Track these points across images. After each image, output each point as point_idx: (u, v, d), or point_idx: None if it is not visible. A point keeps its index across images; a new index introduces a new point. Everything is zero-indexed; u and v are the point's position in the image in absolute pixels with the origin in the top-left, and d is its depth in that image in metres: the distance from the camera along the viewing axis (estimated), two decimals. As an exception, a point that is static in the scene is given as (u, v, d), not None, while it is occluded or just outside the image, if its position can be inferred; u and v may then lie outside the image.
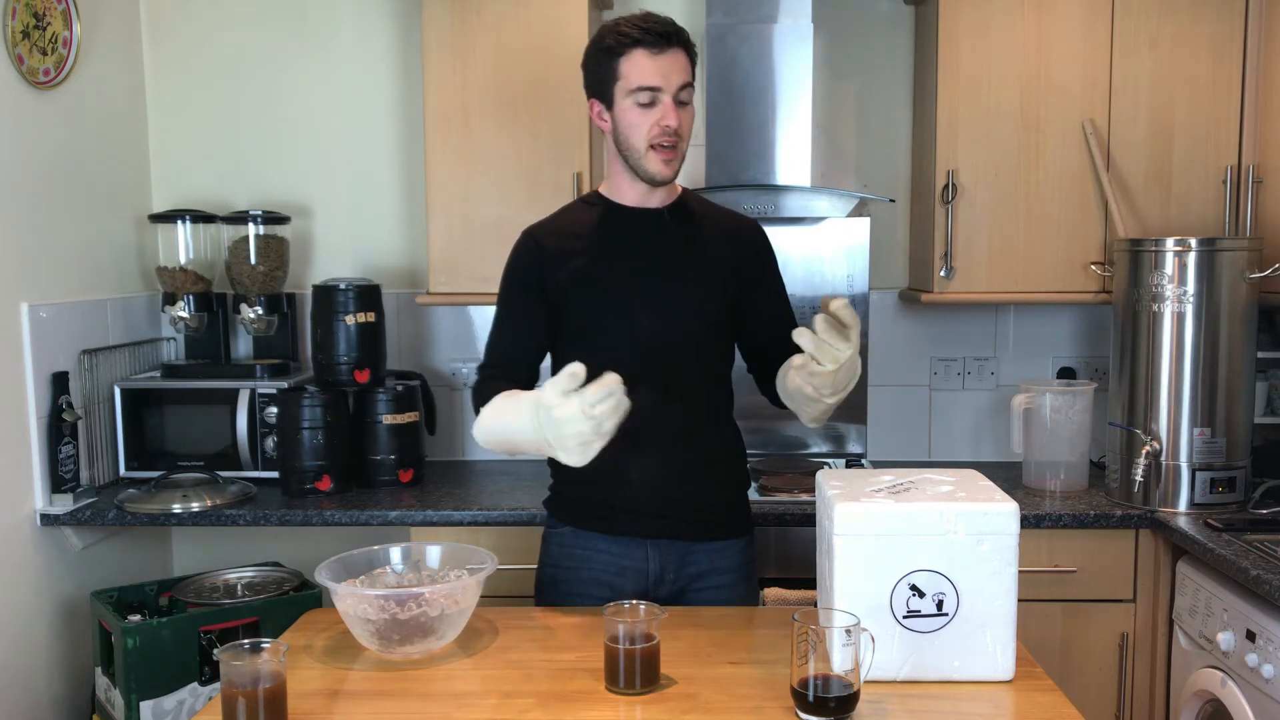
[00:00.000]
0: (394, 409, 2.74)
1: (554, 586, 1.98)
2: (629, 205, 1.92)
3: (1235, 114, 2.64)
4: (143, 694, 2.26)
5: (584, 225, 1.94)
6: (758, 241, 2.00)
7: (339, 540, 2.42)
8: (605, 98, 1.85)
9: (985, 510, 1.51)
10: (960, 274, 2.70)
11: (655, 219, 1.92)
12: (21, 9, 2.42)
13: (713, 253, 1.93)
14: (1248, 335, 2.42)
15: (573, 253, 1.90)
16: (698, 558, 1.94)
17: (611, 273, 1.89)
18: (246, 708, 1.36)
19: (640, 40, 1.77)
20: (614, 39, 1.80)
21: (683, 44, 1.81)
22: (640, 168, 1.84)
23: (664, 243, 1.91)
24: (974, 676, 1.53)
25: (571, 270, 1.89)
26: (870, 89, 2.99)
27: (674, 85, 1.79)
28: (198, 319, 2.87)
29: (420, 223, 2.97)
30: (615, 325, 1.89)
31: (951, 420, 3.05)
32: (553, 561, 1.99)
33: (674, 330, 1.88)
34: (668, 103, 1.79)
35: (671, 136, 1.80)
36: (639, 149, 1.83)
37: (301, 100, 3.02)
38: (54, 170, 2.57)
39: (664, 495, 1.91)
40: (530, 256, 1.93)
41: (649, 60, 1.78)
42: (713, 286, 1.91)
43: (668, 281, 1.89)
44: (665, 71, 1.78)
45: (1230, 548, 2.15)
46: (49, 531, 2.51)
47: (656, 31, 1.77)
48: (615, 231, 1.91)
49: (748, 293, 1.96)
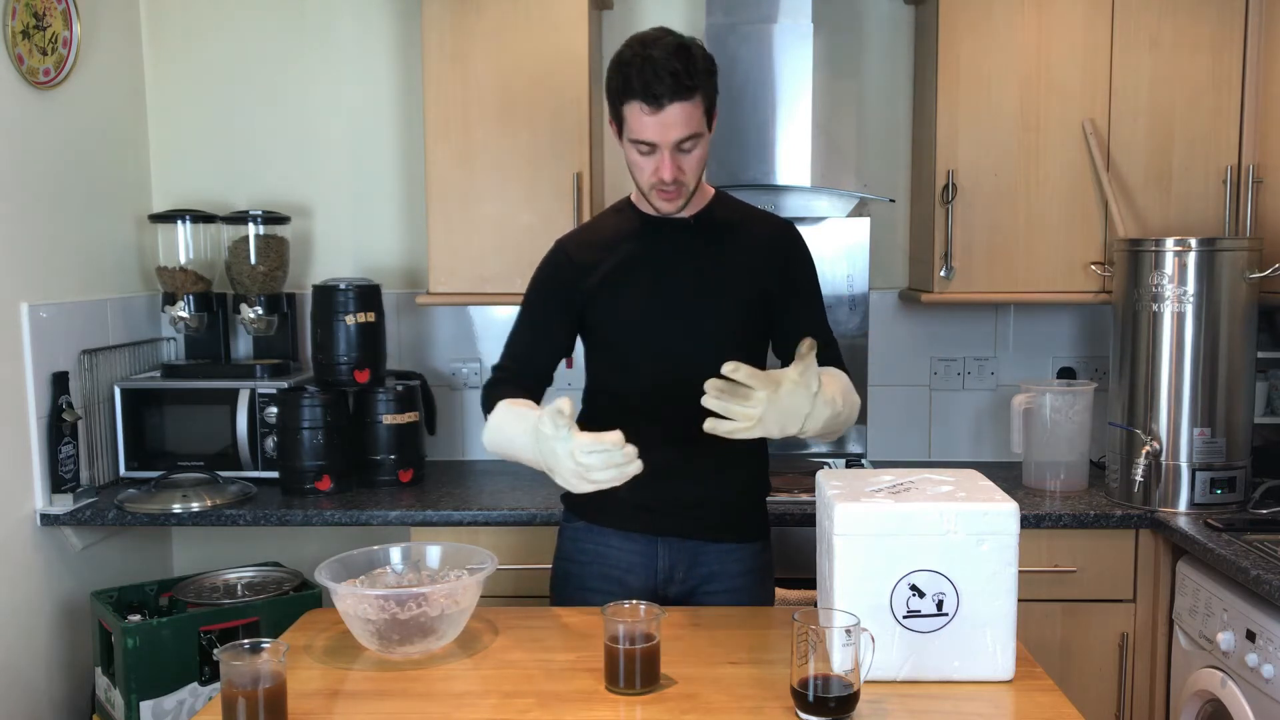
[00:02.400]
0: (394, 409, 2.74)
1: (566, 580, 1.99)
2: (656, 215, 1.91)
3: (1235, 114, 2.64)
4: (143, 694, 2.26)
5: (612, 235, 1.94)
6: (789, 246, 1.95)
7: (339, 540, 2.42)
8: (618, 126, 1.82)
9: (985, 510, 1.51)
10: (960, 274, 2.70)
11: (682, 229, 1.91)
12: (21, 9, 2.42)
13: (740, 261, 1.91)
14: (1248, 335, 2.42)
15: (599, 264, 1.91)
16: (709, 559, 1.93)
17: (636, 284, 1.89)
18: (246, 708, 1.36)
19: (639, 94, 1.72)
20: (618, 80, 1.75)
21: (686, 93, 1.71)
22: (649, 201, 1.86)
23: (690, 253, 1.90)
24: (974, 676, 1.53)
25: (597, 282, 1.90)
26: (870, 89, 2.99)
27: (671, 140, 1.74)
28: (198, 319, 2.87)
29: (420, 223, 2.97)
30: (639, 337, 1.90)
31: (951, 420, 3.05)
32: (566, 555, 2.00)
33: (697, 341, 1.87)
34: (664, 156, 1.75)
35: (669, 187, 1.78)
36: (643, 186, 1.83)
37: (301, 100, 3.02)
38: (54, 170, 2.57)
39: (678, 494, 1.90)
40: (558, 268, 1.94)
41: (646, 116, 1.73)
42: (737, 296, 1.90)
43: (691, 293, 1.88)
44: (663, 127, 1.73)
45: (1230, 548, 2.15)
46: (49, 531, 2.51)
47: (654, 92, 1.70)
48: (641, 242, 1.91)
49: (778, 298, 1.92)
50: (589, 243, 1.95)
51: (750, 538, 1.98)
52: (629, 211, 1.95)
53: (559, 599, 1.99)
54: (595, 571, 1.95)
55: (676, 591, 1.94)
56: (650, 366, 1.90)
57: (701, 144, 1.79)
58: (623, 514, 1.93)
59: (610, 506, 1.92)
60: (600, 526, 1.96)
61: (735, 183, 2.72)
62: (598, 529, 1.96)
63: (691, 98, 1.73)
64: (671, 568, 1.93)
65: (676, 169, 1.77)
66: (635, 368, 1.92)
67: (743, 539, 1.97)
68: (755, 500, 2.02)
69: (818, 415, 1.66)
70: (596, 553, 1.96)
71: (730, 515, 1.96)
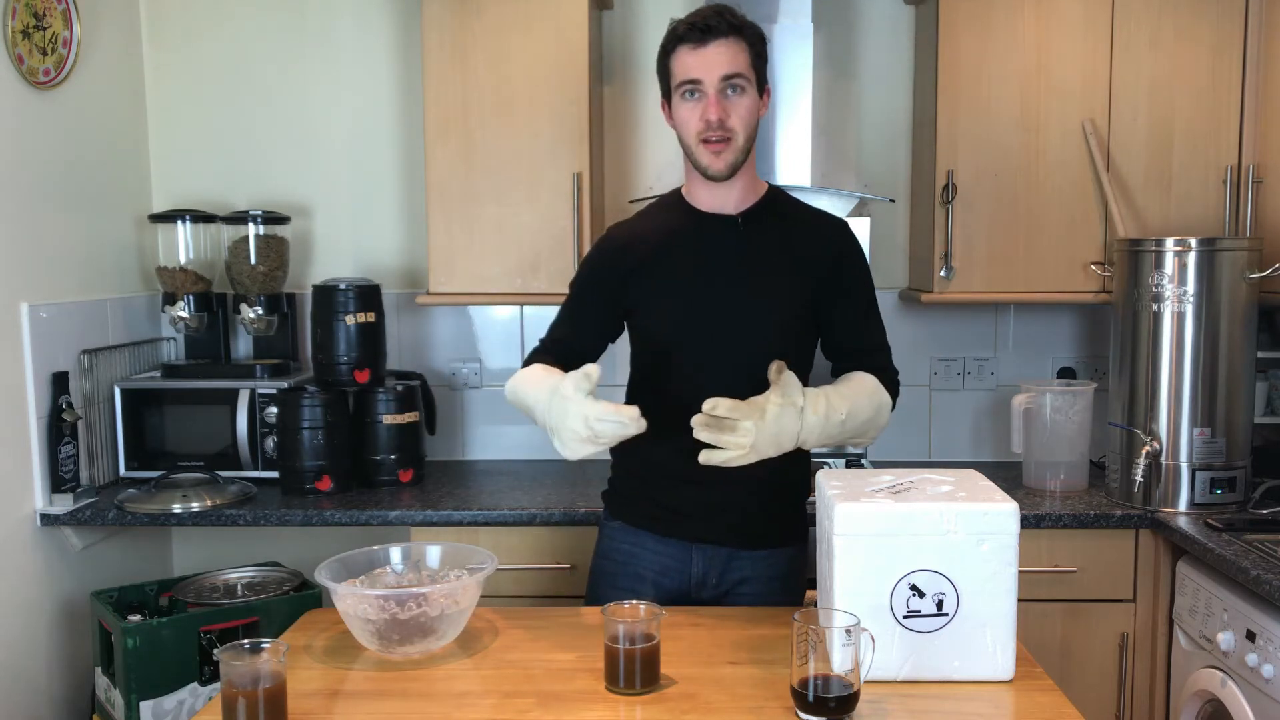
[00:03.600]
0: (394, 409, 2.74)
1: (601, 578, 1.99)
2: (704, 210, 1.89)
3: (1235, 114, 2.64)
4: (143, 694, 2.26)
5: (660, 230, 1.92)
6: (840, 245, 1.92)
7: (339, 540, 2.42)
8: (668, 98, 1.85)
9: (985, 510, 1.51)
10: (960, 274, 2.70)
11: (730, 225, 1.88)
12: (21, 9, 2.43)
13: (787, 261, 1.88)
14: (1248, 335, 2.42)
15: (645, 258, 1.89)
16: (742, 564, 1.92)
17: (680, 281, 1.88)
18: (246, 708, 1.36)
19: (684, 36, 1.77)
20: (667, 39, 1.81)
21: (733, 31, 1.76)
22: (696, 163, 1.84)
23: (736, 251, 1.87)
24: (974, 676, 1.53)
25: (642, 276, 1.89)
26: (870, 89, 2.99)
27: (715, 76, 1.75)
28: (198, 319, 2.87)
29: (420, 223, 2.97)
30: (681, 334, 1.88)
31: (951, 420, 3.05)
32: (603, 554, 2.01)
33: (739, 341, 1.85)
34: (710, 95, 1.76)
35: (716, 130, 1.77)
36: (691, 145, 1.82)
37: (301, 100, 3.02)
38: (54, 170, 2.57)
39: (714, 502, 1.88)
40: (607, 257, 1.94)
41: (690, 55, 1.76)
42: (784, 297, 1.87)
43: (737, 292, 1.86)
44: (707, 64, 1.75)
45: (1230, 548, 2.15)
46: (49, 531, 2.51)
47: (698, 26, 1.75)
48: (687, 238, 1.89)
49: (827, 300, 1.89)
50: (638, 235, 1.94)
51: (786, 542, 1.96)
52: (678, 206, 1.93)
53: (591, 597, 1.99)
54: (629, 572, 1.95)
55: (710, 595, 1.93)
56: (692, 365, 1.87)
57: (749, 94, 1.79)
58: (659, 518, 1.92)
59: (647, 509, 1.93)
60: (636, 528, 1.95)
61: (735, 183, 2.71)
62: (634, 530, 1.96)
63: (737, 37, 1.76)
64: (705, 574, 1.92)
65: (722, 110, 1.76)
66: (677, 366, 1.89)
67: (778, 544, 1.95)
68: (793, 505, 1.99)
69: (810, 428, 1.70)
70: (631, 553, 1.95)
71: (766, 524, 1.93)
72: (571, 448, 1.67)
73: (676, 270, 1.88)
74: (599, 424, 1.62)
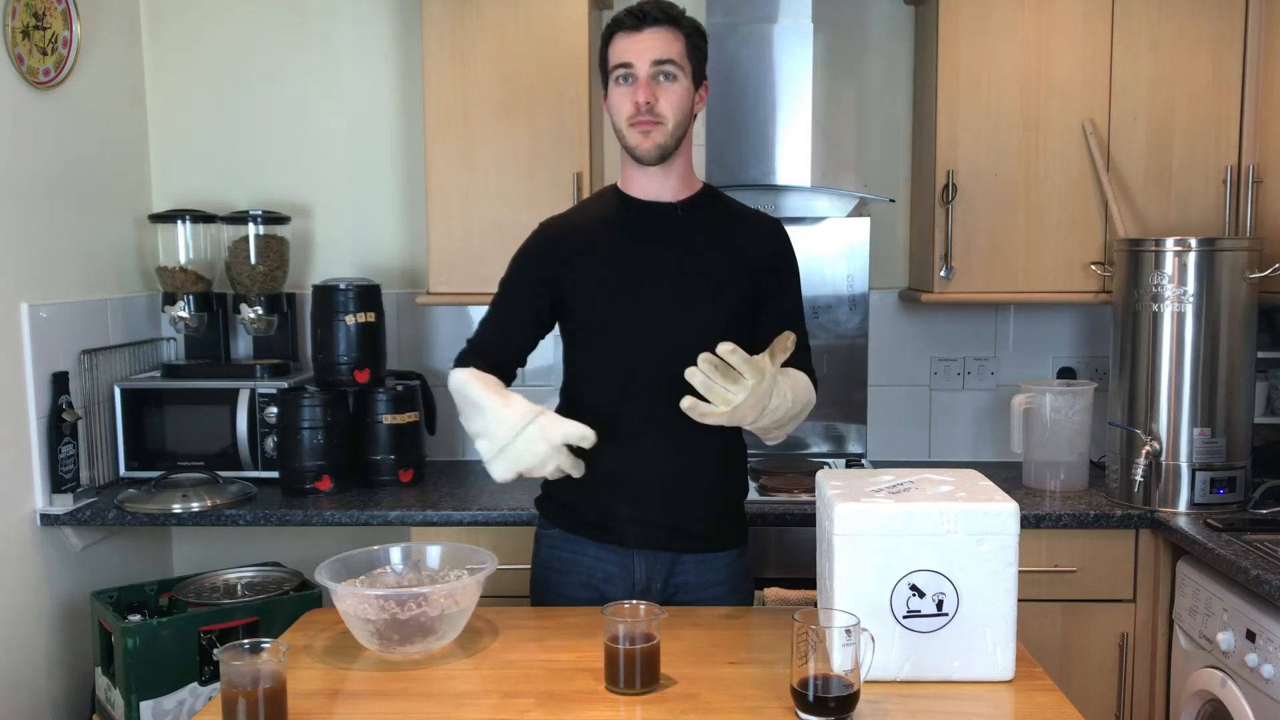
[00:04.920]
0: (394, 409, 2.74)
1: (546, 588, 1.97)
2: (641, 199, 1.89)
3: (1235, 114, 2.64)
4: (143, 694, 2.26)
5: (596, 219, 1.92)
6: (776, 243, 1.92)
7: (339, 540, 2.42)
8: (605, 86, 1.87)
9: (985, 510, 1.51)
10: (960, 274, 2.70)
11: (668, 213, 1.88)
12: (21, 9, 2.43)
13: (724, 252, 1.88)
14: (1248, 335, 2.42)
15: (581, 248, 1.88)
16: (686, 569, 1.90)
17: (617, 269, 1.86)
18: (246, 708, 1.36)
19: (621, 23, 1.81)
20: (606, 28, 1.84)
21: (669, 21, 1.80)
22: (625, 145, 1.85)
23: (673, 239, 1.87)
24: (974, 676, 1.53)
25: (578, 265, 1.87)
26: (870, 89, 3.00)
27: (647, 60, 1.78)
28: (198, 319, 2.87)
29: (420, 223, 2.97)
30: (617, 323, 1.86)
31: (951, 420, 3.05)
32: (543, 563, 1.98)
33: (676, 330, 1.82)
34: (641, 79, 1.78)
35: (646, 115, 1.79)
36: (622, 129, 1.83)
37: (301, 100, 3.02)
38: (54, 170, 2.57)
39: (653, 505, 1.87)
40: (540, 249, 1.92)
41: (625, 40, 1.80)
42: (720, 287, 1.86)
43: (673, 280, 1.85)
44: (640, 49, 1.78)
45: (1230, 548, 2.15)
46: (49, 531, 2.51)
47: (634, 13, 1.79)
48: (625, 226, 1.89)
49: (760, 296, 1.89)
50: (573, 226, 1.93)
51: (728, 544, 1.95)
52: (614, 197, 1.93)
53: (538, 604, 1.97)
54: (572, 580, 1.92)
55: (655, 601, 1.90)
56: (627, 357, 1.85)
57: (681, 82, 1.81)
58: (597, 524, 1.90)
59: (585, 517, 1.91)
60: (576, 535, 1.93)
61: (735, 183, 2.72)
62: (573, 538, 1.93)
63: (672, 25, 1.80)
64: (649, 579, 1.90)
65: (651, 94, 1.78)
66: (612, 358, 1.87)
67: (721, 547, 1.93)
68: (732, 507, 1.97)
69: (775, 409, 1.70)
70: (574, 561, 1.93)
71: (707, 526, 1.91)
72: (509, 467, 1.75)
73: (611, 256, 1.87)
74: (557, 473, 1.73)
